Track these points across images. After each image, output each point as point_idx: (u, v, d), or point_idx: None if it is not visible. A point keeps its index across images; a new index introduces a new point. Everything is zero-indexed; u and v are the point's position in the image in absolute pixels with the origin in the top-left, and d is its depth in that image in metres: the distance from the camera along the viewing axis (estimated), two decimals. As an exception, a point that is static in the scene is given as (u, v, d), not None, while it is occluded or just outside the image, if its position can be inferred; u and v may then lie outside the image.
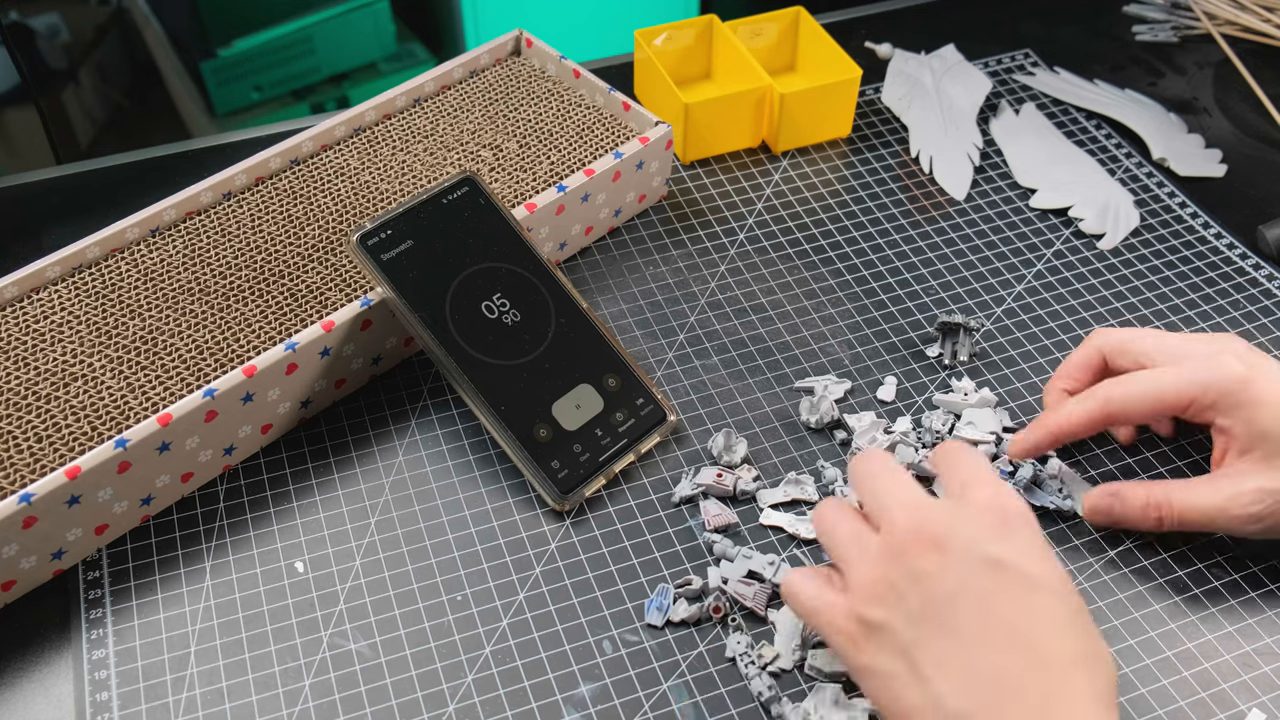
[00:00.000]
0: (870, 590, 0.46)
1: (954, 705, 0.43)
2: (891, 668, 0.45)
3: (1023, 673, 0.42)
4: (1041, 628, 0.43)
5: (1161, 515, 0.55)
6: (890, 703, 0.45)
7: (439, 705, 0.51)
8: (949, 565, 0.44)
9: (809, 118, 0.78)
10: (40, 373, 0.59)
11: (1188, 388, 0.54)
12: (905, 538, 0.46)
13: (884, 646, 0.45)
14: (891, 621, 0.45)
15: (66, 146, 1.21)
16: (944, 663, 0.43)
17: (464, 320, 0.59)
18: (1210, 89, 0.86)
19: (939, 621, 0.44)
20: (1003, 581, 0.44)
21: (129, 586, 0.55)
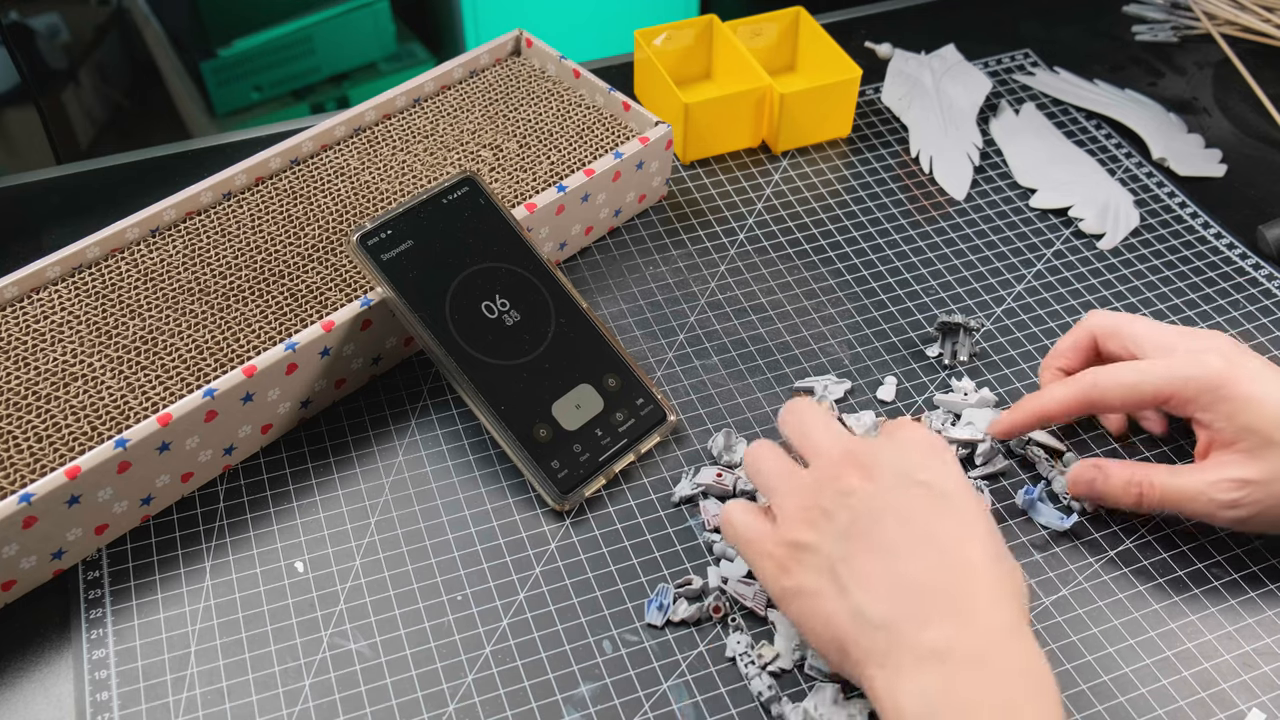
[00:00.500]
0: (799, 515, 0.48)
1: (878, 613, 0.44)
2: (817, 585, 0.46)
3: (943, 581, 0.44)
4: (960, 541, 0.45)
5: (1142, 493, 0.55)
6: (815, 621, 0.47)
7: (439, 705, 0.51)
8: (876, 487, 0.47)
9: (809, 118, 0.78)
10: (40, 372, 0.59)
11: (1168, 382, 0.54)
12: (834, 465, 0.48)
13: (810, 566, 0.47)
14: (818, 542, 0.47)
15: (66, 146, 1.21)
16: (868, 575, 0.45)
17: (464, 320, 0.59)
18: (1210, 89, 0.86)
19: (864, 538, 0.46)
20: (925, 500, 0.46)
21: (129, 586, 0.55)
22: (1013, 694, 0.42)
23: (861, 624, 0.45)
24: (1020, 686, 0.43)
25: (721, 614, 0.54)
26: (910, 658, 0.43)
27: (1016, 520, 0.58)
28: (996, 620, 0.44)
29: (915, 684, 0.43)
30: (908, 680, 0.43)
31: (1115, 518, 0.59)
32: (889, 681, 0.44)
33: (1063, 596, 0.55)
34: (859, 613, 0.45)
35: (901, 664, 0.43)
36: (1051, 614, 0.55)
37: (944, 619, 0.44)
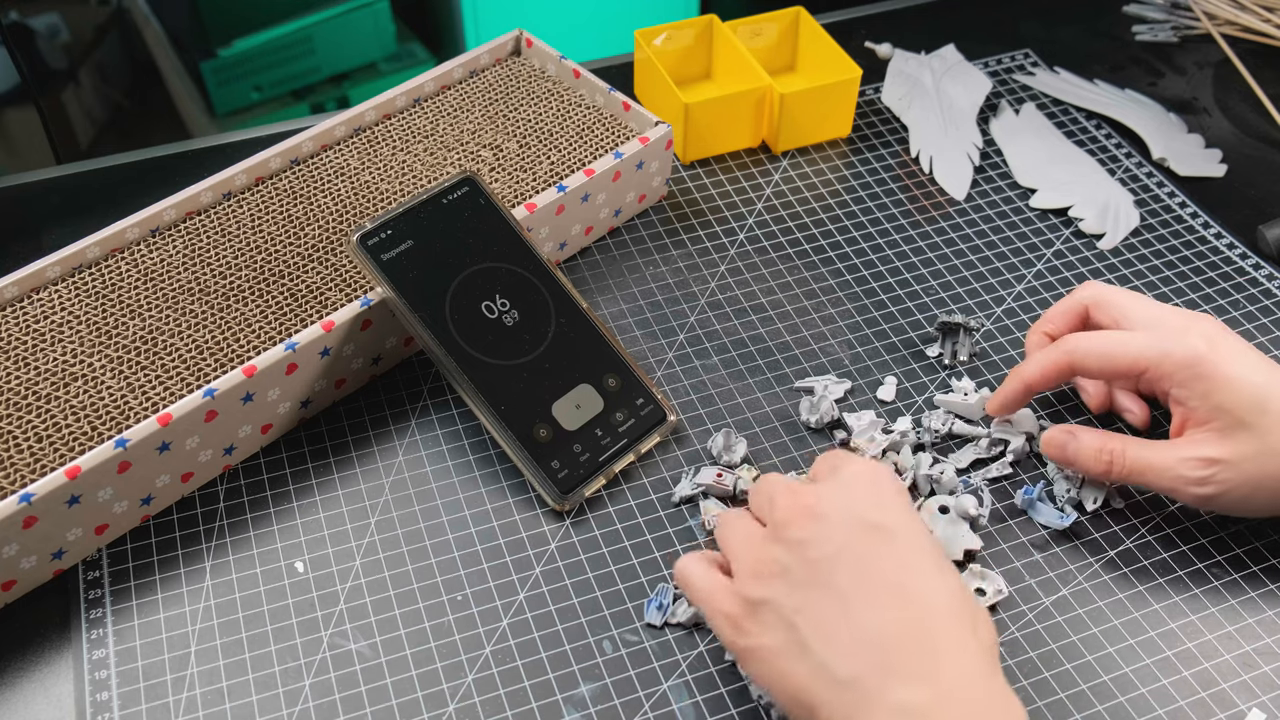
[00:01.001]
0: (754, 568, 0.46)
1: (844, 670, 0.43)
2: (776, 642, 0.45)
3: (906, 631, 0.43)
4: (919, 582, 0.44)
5: (1112, 463, 0.56)
6: (779, 680, 0.45)
7: (439, 705, 0.51)
8: (827, 531, 0.45)
9: (809, 118, 0.78)
10: (40, 372, 0.59)
11: (1146, 354, 0.55)
12: (786, 515, 0.46)
13: (768, 622, 0.45)
14: (774, 595, 0.45)
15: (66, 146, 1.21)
16: (828, 628, 0.43)
17: (464, 320, 0.59)
18: (1210, 89, 0.86)
19: (820, 586, 0.44)
20: (878, 541, 0.45)
21: (129, 586, 0.55)
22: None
23: (827, 682, 0.43)
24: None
25: None
26: (880, 716, 0.42)
27: (1016, 520, 0.58)
28: (964, 667, 0.42)
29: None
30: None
31: (1115, 518, 0.59)
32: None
33: (1063, 596, 0.55)
34: (824, 670, 0.43)
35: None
36: (1051, 614, 0.55)
37: (911, 673, 0.42)
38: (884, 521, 0.45)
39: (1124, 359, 0.55)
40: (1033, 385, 0.58)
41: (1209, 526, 0.58)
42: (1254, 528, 0.58)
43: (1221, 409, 0.53)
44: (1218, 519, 0.59)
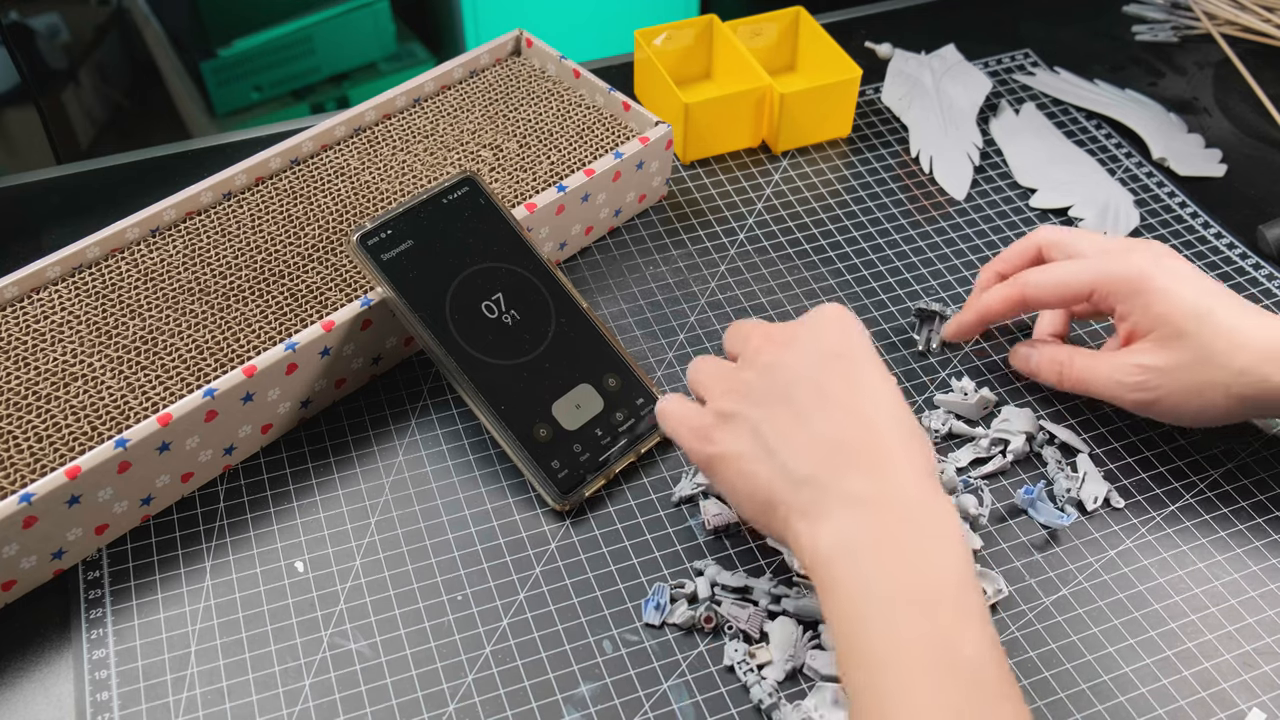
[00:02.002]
0: (725, 389, 0.52)
1: (801, 469, 0.48)
2: (740, 448, 0.50)
3: (859, 438, 0.48)
4: (872, 405, 0.49)
5: (1062, 373, 0.60)
6: (741, 481, 0.50)
7: (439, 705, 0.51)
8: (795, 358, 0.50)
9: (809, 118, 0.78)
10: (40, 372, 0.59)
11: (1093, 276, 0.58)
12: (758, 346, 0.52)
13: (734, 431, 0.50)
14: (742, 408, 0.50)
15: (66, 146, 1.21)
16: (789, 435, 0.49)
17: (464, 320, 0.59)
18: (1210, 89, 0.86)
19: (784, 403, 0.49)
20: (839, 369, 0.50)
21: (129, 586, 0.55)
22: (923, 534, 0.45)
23: (786, 480, 0.48)
24: (929, 528, 0.46)
25: (713, 624, 0.54)
26: (832, 504, 0.46)
27: (1016, 520, 0.58)
28: (907, 471, 0.47)
29: (835, 526, 0.46)
30: (829, 523, 0.46)
31: (1115, 517, 0.59)
32: (812, 527, 0.47)
33: (1063, 596, 0.55)
34: (783, 470, 0.48)
35: (824, 511, 0.46)
36: (1051, 614, 0.55)
37: (862, 470, 0.47)
38: (844, 352, 0.50)
39: (1073, 283, 0.59)
40: (988, 316, 0.62)
41: (1209, 527, 0.58)
42: (1254, 526, 0.58)
43: (1161, 319, 0.56)
44: (1218, 519, 0.59)
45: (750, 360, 0.52)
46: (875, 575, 0.44)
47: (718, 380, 0.53)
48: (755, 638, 0.53)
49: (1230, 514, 0.59)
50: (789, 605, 0.53)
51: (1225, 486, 0.60)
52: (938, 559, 0.45)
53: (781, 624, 0.53)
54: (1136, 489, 0.60)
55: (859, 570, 0.45)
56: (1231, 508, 0.59)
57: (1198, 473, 0.61)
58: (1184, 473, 0.61)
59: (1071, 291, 0.59)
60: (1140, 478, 0.60)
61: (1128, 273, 0.57)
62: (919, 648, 0.43)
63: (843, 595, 0.45)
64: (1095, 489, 0.59)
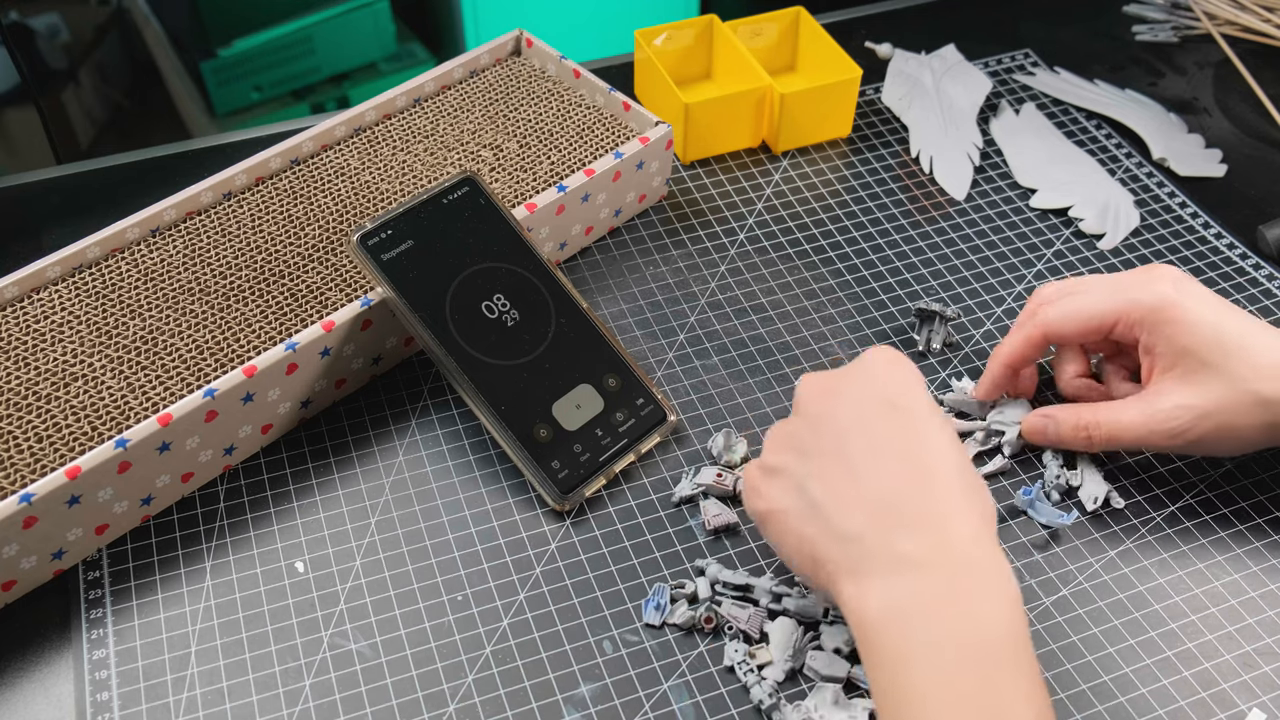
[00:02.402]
0: (773, 444, 0.51)
1: (850, 527, 0.46)
2: (788, 505, 0.48)
3: (910, 493, 0.46)
4: (925, 454, 0.46)
5: (1091, 435, 0.57)
6: (789, 538, 0.48)
7: (439, 705, 0.51)
8: (843, 407, 0.49)
9: (809, 118, 0.78)
10: (40, 373, 0.59)
11: (1116, 305, 0.57)
12: (807, 396, 0.50)
13: (782, 486, 0.49)
14: (789, 463, 0.49)
15: (66, 146, 1.21)
16: (837, 490, 0.47)
17: (464, 320, 0.59)
18: (1210, 89, 0.86)
19: (832, 455, 0.48)
20: (892, 416, 0.48)
21: (129, 586, 0.55)
22: (976, 595, 0.43)
23: (834, 538, 0.46)
24: (982, 588, 0.44)
25: (713, 624, 0.54)
26: (881, 565, 0.45)
27: (1016, 520, 0.58)
28: (963, 529, 0.45)
29: (884, 587, 0.44)
30: (878, 584, 0.44)
31: (1115, 518, 0.59)
32: (859, 588, 0.45)
33: (1063, 596, 0.55)
34: (831, 527, 0.46)
35: (872, 571, 0.45)
36: (1052, 614, 0.55)
37: (913, 528, 0.45)
38: (897, 399, 0.48)
39: (1098, 314, 0.57)
40: (1012, 362, 0.60)
41: (1209, 527, 0.58)
42: (1254, 527, 0.58)
43: (1187, 351, 0.54)
44: (1218, 519, 0.59)
45: (800, 411, 0.50)
46: (925, 639, 0.43)
47: (773, 432, 0.51)
48: (755, 638, 0.53)
49: (1230, 514, 0.59)
50: (790, 604, 0.53)
51: (1225, 487, 0.60)
52: (990, 619, 0.43)
53: (781, 624, 0.53)
54: (1136, 489, 0.60)
55: (908, 634, 0.43)
56: (1231, 508, 0.59)
57: (1198, 473, 0.61)
58: (1184, 473, 0.61)
59: (1095, 323, 0.57)
60: (1140, 478, 0.60)
61: (1153, 301, 0.55)
62: (970, 710, 0.41)
63: (890, 659, 0.43)
64: (1095, 489, 0.59)
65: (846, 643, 0.52)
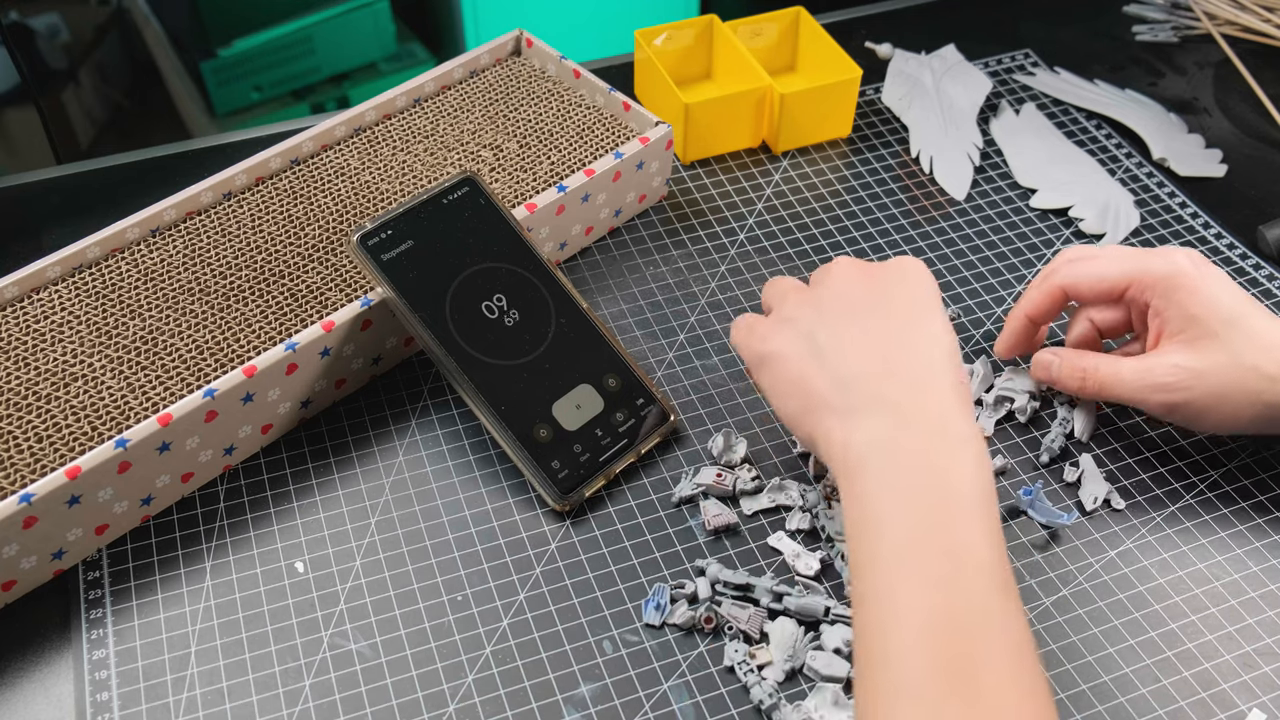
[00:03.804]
0: (796, 301, 0.55)
1: (845, 370, 0.50)
2: (792, 349, 0.52)
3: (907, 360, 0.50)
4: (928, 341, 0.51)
5: (1085, 379, 0.59)
6: (785, 382, 0.52)
7: (439, 705, 0.51)
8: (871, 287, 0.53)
9: (809, 118, 0.78)
10: (40, 373, 0.59)
11: (1133, 266, 0.58)
12: (840, 272, 0.55)
13: (791, 334, 0.53)
14: (804, 315, 0.53)
15: (66, 146, 1.21)
16: (844, 341, 0.51)
17: (464, 320, 0.59)
18: (1210, 89, 0.86)
19: (848, 316, 0.52)
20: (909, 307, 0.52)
21: (129, 586, 0.55)
22: (952, 449, 0.47)
23: (830, 380, 0.50)
24: (958, 444, 0.47)
25: (713, 625, 0.54)
26: (870, 406, 0.49)
27: (1016, 520, 0.58)
28: (949, 395, 0.49)
29: (869, 425, 0.48)
30: (863, 423, 0.48)
31: (1115, 518, 0.59)
32: (845, 425, 0.49)
33: (1063, 596, 0.55)
34: (830, 371, 0.51)
35: (861, 411, 0.49)
36: (1052, 614, 0.55)
37: (905, 383, 0.49)
38: (918, 296, 0.52)
39: (1111, 275, 0.59)
40: (1031, 314, 0.62)
41: (1209, 527, 0.58)
42: (1254, 527, 0.58)
43: (1195, 319, 0.56)
44: (1218, 519, 0.59)
45: (827, 281, 0.54)
46: (899, 477, 0.46)
47: (790, 293, 0.55)
48: (755, 638, 0.53)
49: (1230, 514, 0.59)
50: (791, 604, 0.53)
51: (1225, 487, 0.60)
52: (962, 471, 0.46)
53: (782, 624, 0.53)
54: (1136, 489, 0.60)
55: (884, 470, 0.47)
56: (1231, 508, 0.59)
57: (1198, 473, 0.61)
58: (1184, 473, 0.61)
59: (1109, 283, 0.59)
60: (1140, 478, 0.60)
61: (1167, 269, 0.57)
62: (932, 553, 0.44)
63: (866, 494, 0.47)
64: (1095, 489, 0.59)
65: (846, 643, 0.52)
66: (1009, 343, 0.63)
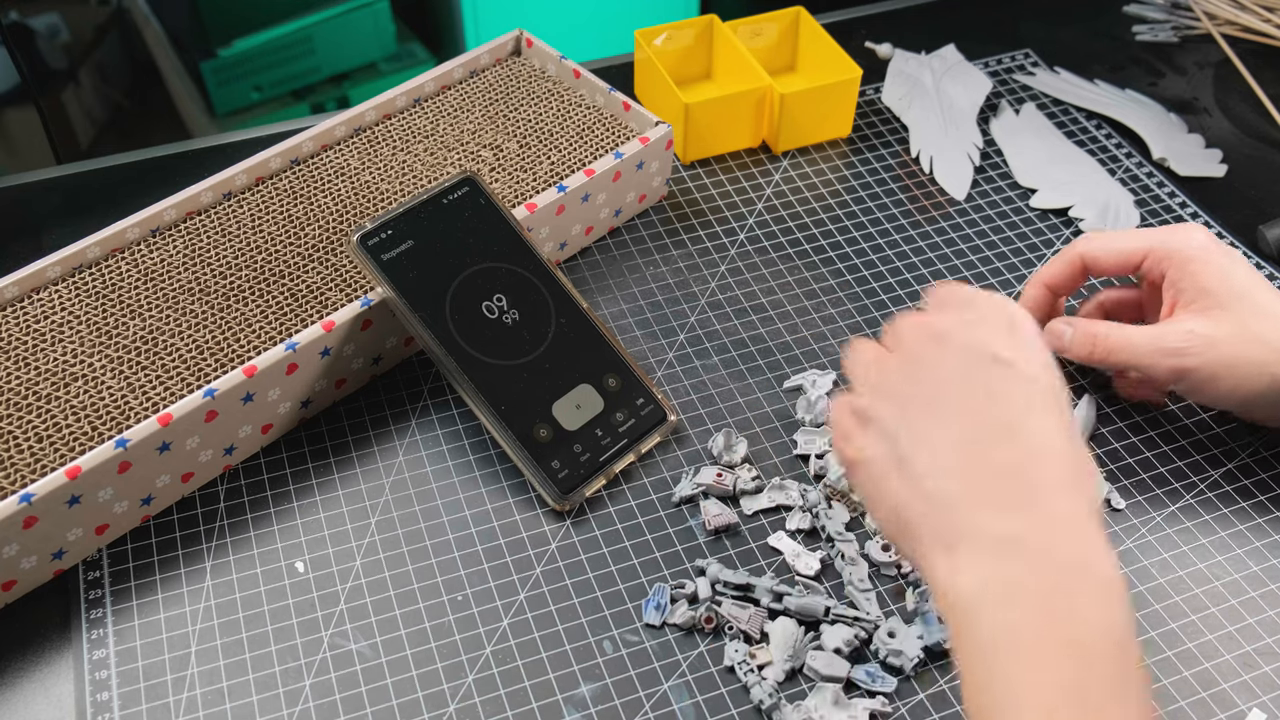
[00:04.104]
0: (868, 383, 0.47)
1: (946, 492, 0.42)
2: (879, 454, 0.45)
3: (1013, 463, 0.42)
4: (1032, 422, 0.43)
5: (1095, 344, 0.59)
6: (879, 494, 0.45)
7: (440, 705, 0.51)
8: (946, 355, 0.45)
9: (809, 118, 0.78)
10: (41, 373, 0.59)
11: (1151, 240, 0.59)
12: (908, 334, 0.47)
13: (874, 434, 0.46)
14: (882, 409, 0.46)
15: (66, 146, 1.21)
16: (930, 446, 0.43)
17: (464, 320, 0.59)
18: (1210, 89, 0.86)
19: (928, 405, 0.44)
20: (999, 376, 0.44)
21: (129, 586, 0.55)
22: (1080, 589, 0.40)
23: (924, 499, 0.43)
24: (1086, 584, 0.40)
25: (713, 624, 0.54)
26: (975, 541, 0.41)
27: (1017, 520, 0.58)
28: (1066, 513, 0.41)
29: (978, 565, 0.41)
30: (971, 562, 0.41)
31: (1115, 518, 0.59)
32: (951, 562, 0.41)
33: (1063, 596, 0.55)
34: (920, 486, 0.43)
35: (965, 546, 0.41)
36: (1052, 614, 0.55)
37: (1013, 505, 0.41)
38: (1008, 356, 0.44)
39: (1129, 246, 0.59)
40: (1050, 283, 0.62)
41: (1209, 527, 0.58)
42: (1254, 527, 0.58)
43: (1208, 291, 0.56)
44: (1218, 519, 0.59)
45: (898, 350, 0.47)
46: (1020, 629, 0.39)
47: (866, 368, 0.48)
48: (755, 638, 0.53)
49: (1230, 514, 0.59)
50: (791, 604, 0.53)
51: (1225, 487, 0.60)
52: (1091, 614, 0.40)
53: (782, 624, 0.53)
54: (1136, 489, 0.60)
55: (1002, 621, 0.40)
56: (1231, 508, 0.59)
57: (1198, 473, 0.61)
58: (1184, 473, 0.61)
59: (1126, 254, 0.59)
60: (1140, 478, 0.60)
61: (1184, 243, 0.58)
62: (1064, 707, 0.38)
63: (981, 644, 0.40)
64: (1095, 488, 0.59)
65: (846, 643, 0.52)
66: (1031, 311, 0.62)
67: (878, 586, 0.55)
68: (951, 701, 0.51)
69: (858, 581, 0.54)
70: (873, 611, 0.53)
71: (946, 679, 0.52)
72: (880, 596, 0.55)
